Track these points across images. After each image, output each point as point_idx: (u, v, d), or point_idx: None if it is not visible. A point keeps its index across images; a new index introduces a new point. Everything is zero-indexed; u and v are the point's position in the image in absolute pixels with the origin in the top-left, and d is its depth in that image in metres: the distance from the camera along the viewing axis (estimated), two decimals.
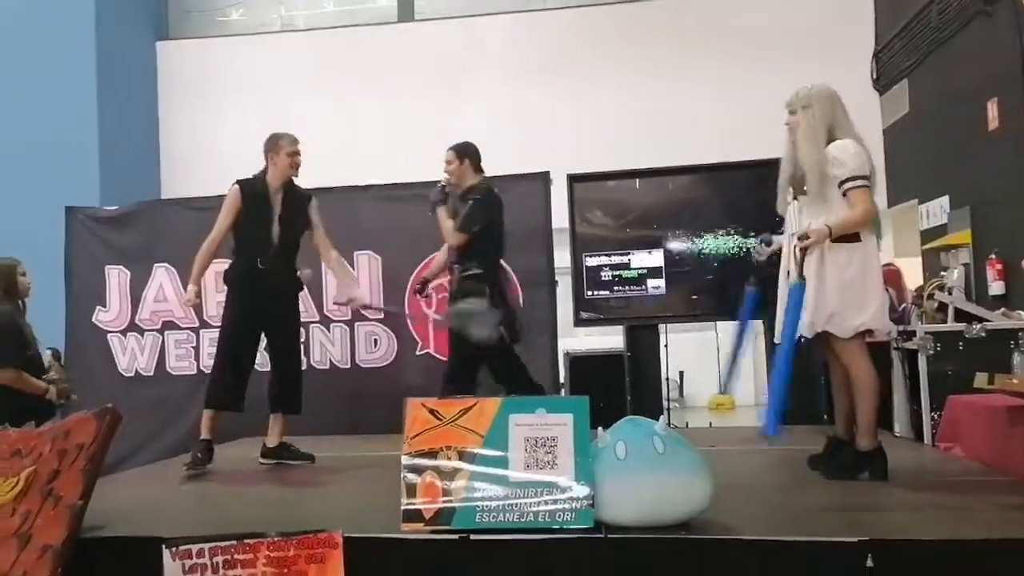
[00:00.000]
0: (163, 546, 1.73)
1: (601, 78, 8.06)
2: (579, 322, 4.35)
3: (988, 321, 3.56)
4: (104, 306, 4.54)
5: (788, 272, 2.53)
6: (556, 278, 4.31)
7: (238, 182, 3.27)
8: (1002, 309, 3.96)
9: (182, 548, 1.73)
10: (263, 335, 3.27)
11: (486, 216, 3.37)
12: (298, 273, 3.35)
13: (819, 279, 2.43)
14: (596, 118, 7.86)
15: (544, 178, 4.30)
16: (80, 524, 1.95)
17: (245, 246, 3.22)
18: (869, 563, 1.69)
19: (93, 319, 4.54)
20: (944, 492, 2.34)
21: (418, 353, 4.29)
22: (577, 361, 4.41)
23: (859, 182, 2.43)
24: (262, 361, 3.38)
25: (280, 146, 3.26)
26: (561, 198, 4.32)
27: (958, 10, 6.39)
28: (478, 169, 3.54)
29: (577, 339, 6.06)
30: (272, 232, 3.21)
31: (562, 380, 4.35)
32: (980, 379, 2.71)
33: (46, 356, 7.97)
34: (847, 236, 2.43)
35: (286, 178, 3.26)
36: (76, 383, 4.46)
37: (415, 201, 4.40)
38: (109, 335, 4.51)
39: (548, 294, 4.26)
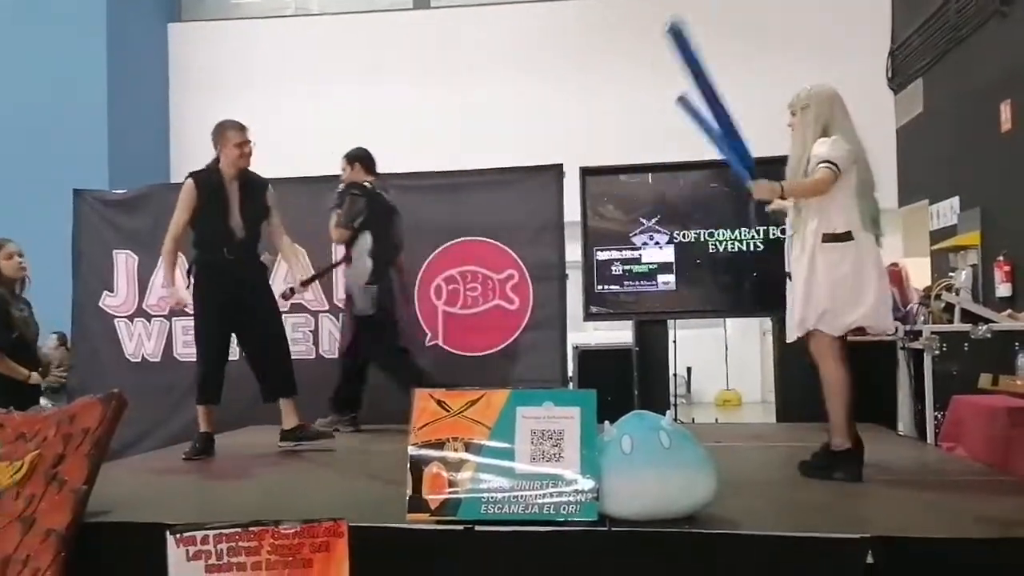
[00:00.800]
0: (167, 532, 1.73)
1: (615, 71, 8.02)
2: (589, 316, 4.34)
3: (994, 322, 3.56)
4: (111, 291, 4.53)
5: (791, 275, 2.53)
6: (566, 272, 4.32)
7: (191, 175, 3.22)
8: (1008, 311, 3.95)
9: (186, 535, 1.72)
10: (240, 327, 3.23)
11: (362, 212, 3.69)
12: (260, 259, 3.35)
13: (810, 277, 2.44)
14: (610, 111, 7.82)
15: (556, 171, 4.28)
16: (84, 509, 1.96)
17: (207, 239, 3.18)
18: (869, 559, 1.70)
19: (100, 303, 4.52)
20: (945, 491, 2.35)
21: (427, 344, 4.28)
22: (586, 355, 4.42)
23: (826, 164, 2.42)
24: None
25: (227, 138, 3.19)
26: (573, 191, 4.31)
27: (975, 10, 6.33)
28: (369, 172, 3.85)
29: (587, 333, 6.07)
30: (231, 223, 3.17)
31: (571, 374, 4.36)
32: (984, 380, 2.72)
33: (51, 340, 8.05)
34: (839, 235, 2.43)
35: (238, 168, 3.21)
36: (75, 370, 4.51)
37: (424, 191, 4.40)
38: (116, 320, 4.50)
39: (558, 288, 4.26)
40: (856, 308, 2.42)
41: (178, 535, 1.73)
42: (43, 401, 8.27)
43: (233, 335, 3.28)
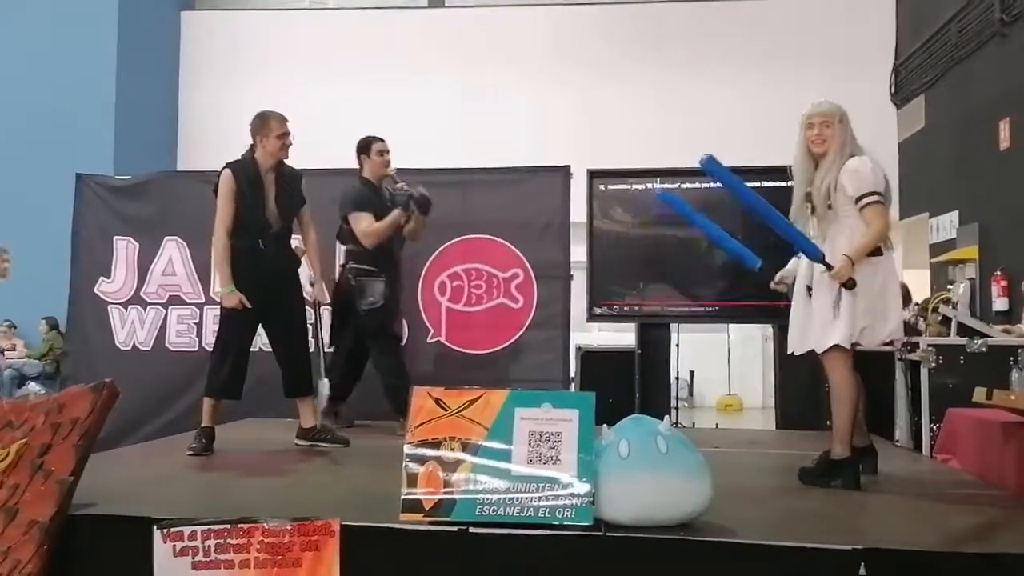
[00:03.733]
0: (154, 527, 1.70)
1: (626, 76, 8.05)
2: (592, 317, 4.34)
3: (990, 336, 3.57)
4: (108, 277, 4.48)
5: (806, 288, 2.53)
6: (571, 272, 4.30)
7: (228, 165, 3.18)
8: (1004, 326, 3.96)
9: (173, 530, 1.69)
10: (267, 319, 3.20)
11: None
12: (294, 247, 3.33)
13: (845, 294, 2.43)
14: (619, 115, 7.83)
15: (564, 172, 4.28)
16: (70, 501, 1.92)
17: (243, 229, 3.13)
18: (862, 571, 1.70)
19: (95, 289, 4.48)
20: (939, 503, 2.35)
21: (429, 341, 4.26)
22: (588, 356, 4.41)
23: (875, 198, 2.44)
24: (265, 342, 3.36)
25: (270, 128, 3.15)
26: (580, 193, 4.29)
27: (977, 30, 6.38)
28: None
29: (590, 334, 6.07)
30: (268, 213, 3.16)
31: (573, 374, 4.34)
32: (979, 394, 2.71)
33: (42, 325, 7.98)
34: (873, 251, 2.45)
35: (277, 159, 3.19)
36: (69, 356, 4.45)
37: (431, 188, 4.37)
38: (110, 306, 4.45)
39: (562, 288, 4.25)
40: (887, 322, 2.45)
41: (165, 530, 1.70)
42: (33, 386, 8.22)
43: (260, 326, 3.24)
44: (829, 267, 2.42)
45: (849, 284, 2.40)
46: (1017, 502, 2.36)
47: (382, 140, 3.80)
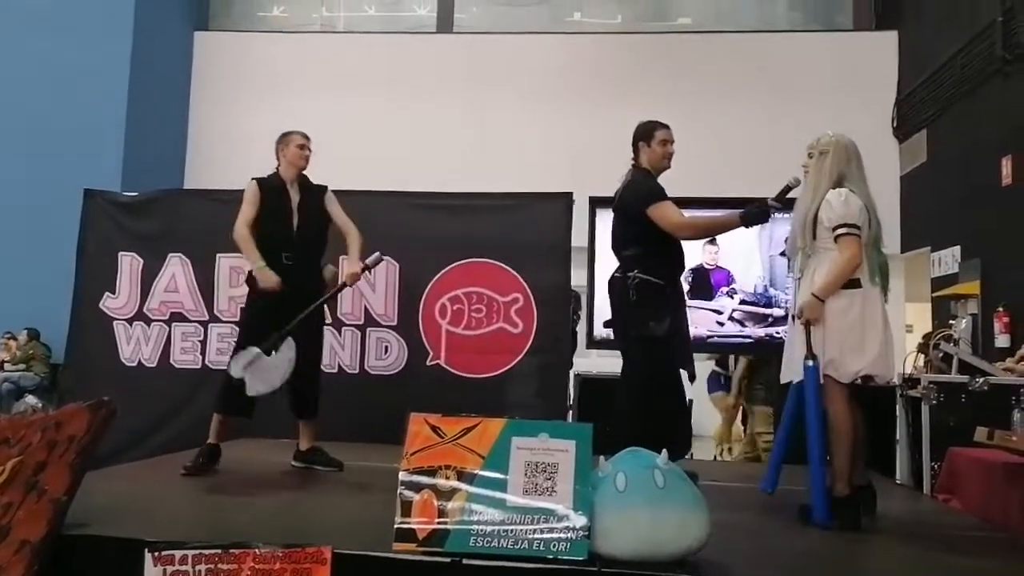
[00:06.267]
0: (145, 549, 1.69)
1: (631, 105, 8.10)
2: (592, 344, 4.32)
3: (991, 375, 3.55)
4: (113, 292, 4.49)
5: (798, 312, 2.53)
6: (572, 299, 4.30)
7: (254, 179, 3.27)
8: (1005, 363, 3.94)
9: (164, 553, 1.68)
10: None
11: None
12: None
13: (820, 324, 2.44)
14: (623, 143, 7.88)
15: (566, 199, 4.30)
16: (63, 520, 1.90)
17: (267, 243, 3.15)
18: None
19: (100, 305, 4.49)
20: (939, 545, 2.32)
21: (428, 364, 4.23)
22: (587, 383, 4.38)
23: (845, 229, 2.45)
24: None
25: (291, 139, 3.26)
26: (581, 219, 4.29)
27: (980, 66, 6.46)
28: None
29: (589, 360, 6.03)
30: (292, 225, 3.19)
31: (571, 402, 4.31)
32: (980, 433, 2.70)
33: (22, 335, 8.00)
34: (848, 282, 2.44)
35: (297, 170, 3.26)
36: (68, 370, 4.45)
37: (434, 210, 4.40)
38: (115, 322, 4.46)
39: (564, 314, 4.25)
40: (862, 356, 2.42)
41: (156, 553, 1.69)
42: (31, 399, 8.19)
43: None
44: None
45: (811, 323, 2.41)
46: (1020, 545, 2.32)
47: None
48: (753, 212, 2.83)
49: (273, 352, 3.06)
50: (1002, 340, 5.64)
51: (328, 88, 8.43)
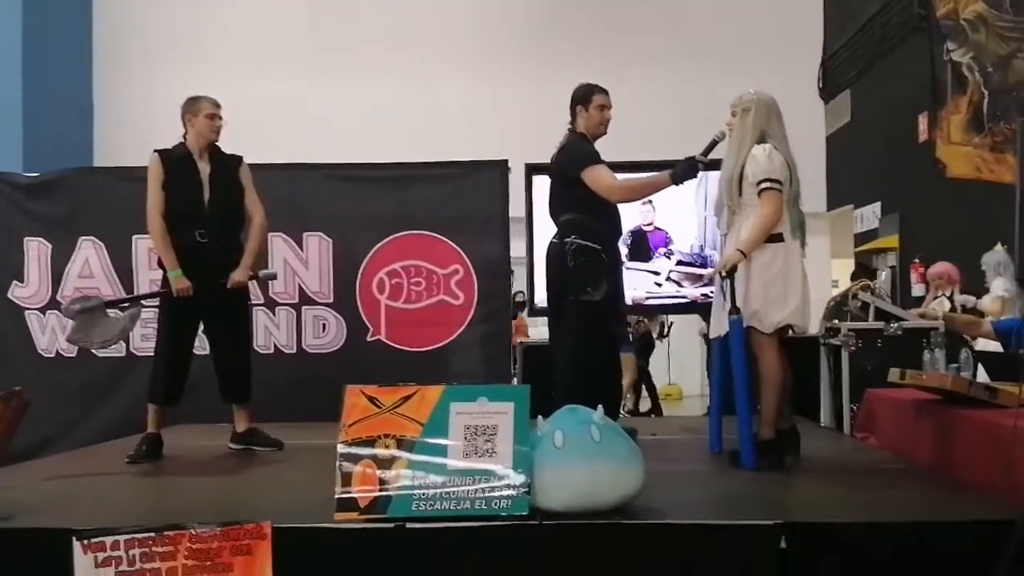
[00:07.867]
0: (73, 538, 1.64)
1: (566, 67, 8.04)
2: (533, 312, 4.37)
3: (905, 320, 3.80)
4: (21, 281, 4.22)
5: (720, 266, 2.63)
6: (511, 268, 4.31)
7: (156, 151, 3.06)
8: (918, 309, 4.22)
9: (94, 540, 1.63)
10: (207, 317, 3.07)
11: None
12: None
13: (745, 277, 2.55)
14: (555, 108, 7.85)
15: (502, 167, 4.27)
16: None
17: (179, 220, 2.99)
18: (782, 544, 1.80)
19: (9, 294, 4.22)
20: (856, 479, 2.50)
21: (369, 340, 4.19)
22: (530, 351, 4.44)
23: (768, 184, 2.53)
24: (201, 344, 3.22)
25: (200, 108, 3.02)
26: (519, 187, 4.31)
27: (898, 25, 6.71)
28: None
29: (533, 328, 6.08)
30: (203, 200, 3.00)
31: (514, 370, 4.36)
32: (893, 374, 2.89)
33: None
34: (771, 236, 2.54)
35: (207, 142, 3.06)
36: None
37: (368, 182, 4.30)
38: (27, 312, 4.20)
39: (503, 284, 4.25)
40: (784, 307, 2.54)
41: (85, 541, 1.64)
42: None
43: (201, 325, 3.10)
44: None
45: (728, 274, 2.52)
46: (929, 475, 2.52)
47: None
48: (682, 169, 2.84)
49: (117, 313, 2.95)
50: (918, 289, 6.04)
51: (243, 51, 7.96)
